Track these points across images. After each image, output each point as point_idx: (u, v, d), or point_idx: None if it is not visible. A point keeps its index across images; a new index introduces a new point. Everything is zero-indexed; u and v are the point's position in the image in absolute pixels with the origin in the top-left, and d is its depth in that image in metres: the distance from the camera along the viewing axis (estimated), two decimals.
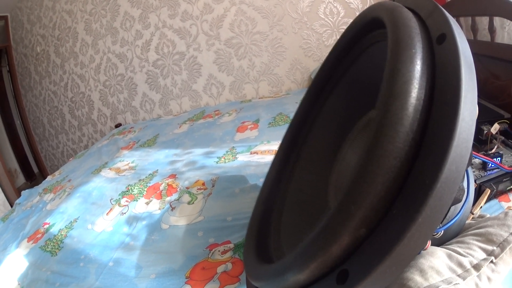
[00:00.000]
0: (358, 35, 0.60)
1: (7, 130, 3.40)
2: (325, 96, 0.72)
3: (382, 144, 0.33)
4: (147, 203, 1.14)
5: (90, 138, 2.91)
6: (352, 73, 0.66)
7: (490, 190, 0.68)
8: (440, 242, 0.51)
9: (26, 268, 1.07)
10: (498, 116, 0.81)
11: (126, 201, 1.20)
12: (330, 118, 0.71)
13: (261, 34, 2.11)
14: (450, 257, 0.46)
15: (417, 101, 0.34)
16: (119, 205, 1.20)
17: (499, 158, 0.71)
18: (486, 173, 0.72)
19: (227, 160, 1.27)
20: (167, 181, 1.24)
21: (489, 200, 0.71)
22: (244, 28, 2.12)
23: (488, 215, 0.59)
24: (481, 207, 0.65)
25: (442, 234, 0.48)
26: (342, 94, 0.69)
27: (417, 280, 0.43)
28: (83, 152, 2.20)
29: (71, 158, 2.23)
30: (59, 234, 1.16)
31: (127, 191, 1.26)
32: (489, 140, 0.77)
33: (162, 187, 1.21)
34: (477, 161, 0.73)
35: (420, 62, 0.36)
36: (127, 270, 0.90)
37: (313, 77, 0.73)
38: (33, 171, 3.53)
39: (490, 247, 0.47)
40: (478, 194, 0.68)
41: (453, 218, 0.48)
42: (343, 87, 0.69)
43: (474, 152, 0.67)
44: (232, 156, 1.29)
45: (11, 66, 3.15)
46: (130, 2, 2.30)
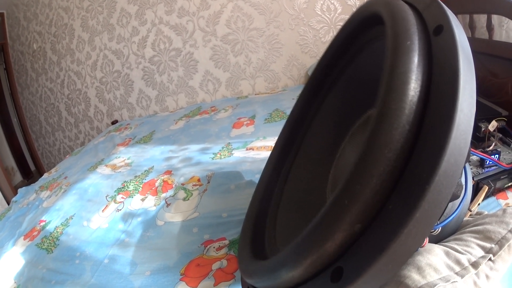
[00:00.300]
0: (356, 31, 0.59)
1: (4, 128, 3.39)
2: (323, 93, 0.71)
3: (377, 136, 0.32)
4: (143, 200, 1.14)
5: (86, 135, 2.89)
6: (351, 70, 0.66)
7: (488, 187, 0.68)
8: (437, 239, 0.51)
9: (22, 266, 1.07)
10: (496, 113, 0.81)
11: (122, 197, 1.20)
12: (329, 115, 0.71)
13: (257, 31, 2.10)
14: (447, 254, 0.46)
15: (413, 92, 0.33)
16: (115, 201, 1.19)
17: (497, 156, 0.71)
18: (484, 170, 0.72)
19: (223, 156, 1.27)
20: (163, 177, 1.23)
21: (486, 197, 0.71)
22: (240, 24, 2.11)
23: (486, 212, 0.59)
24: (478, 204, 0.65)
25: (439, 231, 0.47)
26: (341, 91, 0.69)
27: (414, 277, 0.42)
28: (80, 149, 2.19)
29: (68, 155, 2.22)
30: (55, 232, 1.15)
31: (123, 188, 1.25)
32: (486, 137, 0.77)
33: (157, 184, 1.20)
34: (474, 158, 0.73)
35: (416, 53, 0.35)
36: (122, 267, 0.90)
37: (309, 73, 0.73)
38: (30, 169, 3.53)
39: (488, 245, 0.47)
40: (476, 191, 0.68)
41: (451, 215, 0.47)
42: (342, 84, 0.68)
43: (472, 149, 0.67)
44: (228, 152, 1.29)
45: (8, 63, 3.13)
46: None
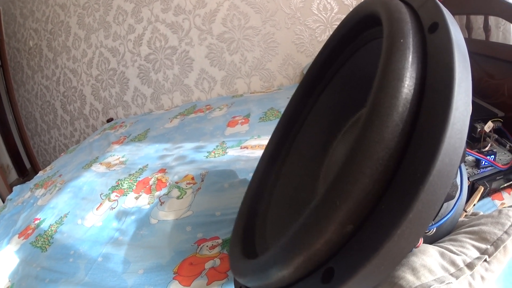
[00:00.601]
0: (352, 31, 0.59)
1: (0, 126, 3.38)
2: (317, 92, 0.71)
3: (369, 134, 0.31)
4: (137, 198, 1.14)
5: (82, 133, 2.88)
6: (346, 69, 0.66)
7: (483, 188, 0.68)
8: (432, 240, 0.51)
9: (17, 264, 1.06)
10: (492, 114, 0.81)
11: (116, 195, 1.20)
12: (322, 113, 0.71)
13: (253, 29, 2.10)
14: (442, 255, 0.46)
15: (407, 90, 0.33)
16: (109, 200, 1.19)
17: (493, 156, 0.72)
18: (479, 170, 0.72)
19: (217, 154, 1.27)
20: (157, 175, 1.23)
21: (482, 198, 0.71)
22: (236, 23, 2.11)
23: (481, 213, 0.59)
24: (474, 205, 0.65)
25: (434, 231, 0.47)
26: (336, 90, 0.69)
27: (408, 279, 0.42)
28: (75, 147, 2.18)
29: (63, 153, 2.21)
30: (50, 230, 1.15)
31: (117, 186, 1.25)
32: (482, 138, 0.77)
33: (151, 182, 1.20)
34: (470, 158, 0.73)
35: (410, 51, 0.35)
36: (116, 266, 0.89)
37: (305, 72, 0.73)
38: (25, 167, 3.51)
39: (483, 246, 0.46)
40: (471, 191, 0.68)
41: (446, 215, 0.47)
42: (337, 84, 0.68)
43: (468, 149, 0.67)
44: (222, 150, 1.29)
45: (4, 60, 3.11)
46: None
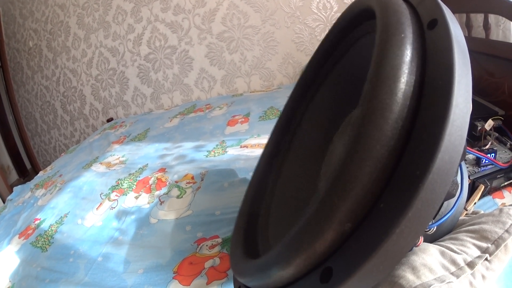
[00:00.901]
0: (349, 26, 0.59)
1: (0, 126, 3.38)
2: (314, 89, 0.70)
3: (368, 132, 0.31)
4: (137, 197, 1.14)
5: (82, 133, 2.89)
6: (342, 65, 0.65)
7: (484, 186, 0.68)
8: (432, 239, 0.50)
9: (17, 265, 1.07)
10: (492, 112, 0.80)
11: (116, 195, 1.20)
12: (320, 111, 0.70)
13: (253, 28, 2.09)
14: (443, 254, 0.45)
15: (406, 86, 0.32)
16: (109, 199, 1.19)
17: (493, 154, 0.71)
18: (480, 169, 0.72)
19: (217, 153, 1.27)
20: (157, 175, 1.23)
21: (483, 196, 0.71)
22: (236, 22, 2.10)
23: (482, 212, 0.58)
24: (475, 203, 0.65)
25: (435, 230, 0.47)
26: (333, 87, 0.68)
27: (408, 278, 0.42)
28: (75, 147, 2.19)
29: (63, 153, 2.22)
30: (50, 230, 1.15)
31: (117, 186, 1.25)
32: (483, 136, 0.76)
33: (151, 181, 1.20)
34: (471, 156, 0.73)
35: (409, 47, 0.34)
36: (116, 265, 0.89)
37: (303, 70, 0.72)
38: (25, 167, 3.51)
39: (484, 244, 0.46)
40: (472, 190, 0.68)
41: (446, 214, 0.47)
42: (334, 80, 0.68)
43: (468, 147, 0.67)
44: (222, 149, 1.29)
45: (3, 61, 3.11)
46: None
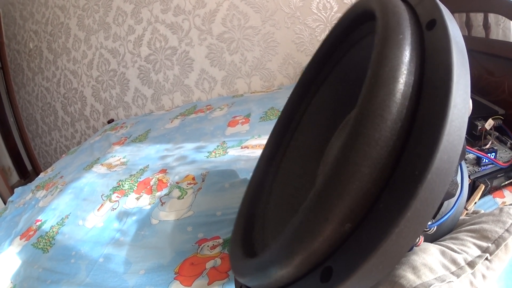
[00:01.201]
0: (349, 27, 0.59)
1: (0, 128, 3.36)
2: (314, 90, 0.71)
3: (367, 132, 0.31)
4: (138, 198, 1.14)
5: (83, 134, 2.89)
6: (343, 66, 0.65)
7: (484, 186, 0.68)
8: (433, 238, 0.50)
9: (19, 266, 1.07)
10: (493, 112, 0.80)
11: (117, 196, 1.20)
12: (320, 112, 0.70)
13: (253, 29, 2.09)
14: (443, 253, 0.45)
15: (405, 87, 0.32)
16: (110, 200, 1.19)
17: (494, 154, 0.71)
18: (480, 168, 0.72)
19: (218, 154, 1.27)
20: (158, 176, 1.24)
21: (483, 196, 0.71)
22: (236, 22, 2.10)
23: (482, 211, 0.58)
24: (475, 203, 0.65)
25: (435, 230, 0.46)
26: (333, 87, 0.68)
27: (409, 277, 0.42)
28: (76, 148, 2.19)
29: (64, 155, 2.22)
30: (51, 231, 1.15)
31: (118, 187, 1.26)
32: (483, 135, 0.76)
33: (152, 182, 1.21)
34: (471, 156, 0.73)
35: (408, 47, 0.34)
36: (117, 266, 0.90)
37: (303, 70, 0.73)
38: (26, 169, 3.51)
39: (485, 244, 0.46)
40: (472, 189, 0.68)
41: (446, 214, 0.47)
42: (333, 82, 0.68)
43: (468, 147, 0.67)
44: (222, 150, 1.29)
45: (4, 62, 3.11)
46: None
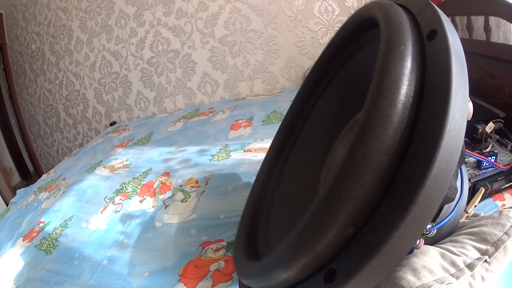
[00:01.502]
0: (352, 34, 0.60)
1: (2, 129, 3.38)
2: (318, 95, 0.71)
3: (370, 141, 0.32)
4: (141, 201, 1.15)
5: (85, 136, 2.89)
6: (346, 72, 0.66)
7: (484, 189, 0.68)
8: (433, 241, 0.51)
9: (21, 267, 1.07)
10: (493, 115, 0.81)
11: (120, 199, 1.20)
12: (323, 117, 0.71)
13: (255, 32, 2.10)
14: (443, 256, 0.46)
15: (406, 98, 0.33)
16: (113, 203, 1.20)
17: (494, 157, 0.72)
18: (480, 171, 0.72)
19: (221, 158, 1.28)
20: (161, 179, 1.24)
21: (483, 199, 0.72)
22: (238, 26, 2.11)
23: (482, 214, 0.59)
24: (475, 206, 0.65)
25: (435, 233, 0.47)
26: (336, 93, 0.69)
27: (409, 279, 0.43)
28: (78, 150, 2.19)
29: (66, 157, 2.22)
30: (54, 233, 1.16)
31: (121, 189, 1.26)
32: (483, 139, 0.77)
33: (155, 185, 1.21)
34: (471, 159, 0.73)
35: (409, 59, 0.35)
36: (121, 268, 0.90)
37: (307, 75, 0.73)
38: (28, 170, 3.52)
39: (484, 246, 0.47)
40: (473, 193, 0.68)
41: (446, 217, 0.48)
42: (337, 86, 0.68)
43: (469, 150, 0.67)
44: (225, 154, 1.30)
45: (6, 64, 3.13)
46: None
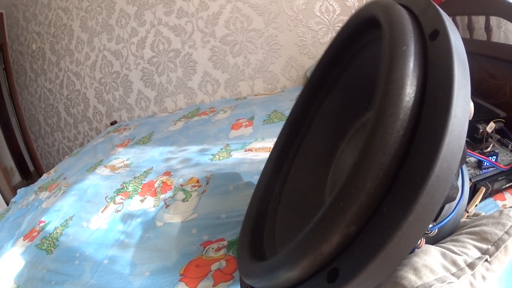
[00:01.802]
0: (354, 34, 0.60)
1: (3, 128, 3.39)
2: (322, 95, 0.71)
3: (373, 142, 0.33)
4: (142, 201, 1.14)
5: (85, 136, 2.89)
6: (349, 72, 0.66)
7: (485, 189, 0.68)
8: (434, 241, 0.51)
9: (22, 267, 1.07)
10: (494, 114, 0.81)
11: (121, 198, 1.20)
12: (328, 116, 0.71)
13: (256, 32, 2.10)
14: (444, 255, 0.46)
15: (408, 98, 0.34)
16: (114, 202, 1.20)
17: (495, 157, 0.71)
18: (481, 171, 0.72)
19: (222, 157, 1.27)
20: (162, 178, 1.24)
21: (484, 198, 0.72)
22: (239, 25, 2.11)
23: (483, 214, 0.59)
24: (476, 206, 0.66)
25: (436, 232, 0.47)
26: (340, 93, 0.69)
27: (410, 278, 0.43)
28: (79, 149, 2.19)
29: (67, 156, 2.22)
30: (55, 232, 1.16)
31: (122, 189, 1.26)
32: (484, 138, 0.77)
33: (156, 185, 1.21)
34: (472, 159, 0.73)
35: (411, 59, 0.35)
36: (122, 268, 0.90)
37: (308, 74, 0.73)
38: (29, 170, 3.53)
39: (485, 246, 0.47)
40: (474, 192, 0.68)
41: (447, 217, 0.48)
42: (341, 86, 0.68)
43: (470, 150, 0.67)
44: (226, 153, 1.29)
45: (7, 63, 3.13)
46: None
